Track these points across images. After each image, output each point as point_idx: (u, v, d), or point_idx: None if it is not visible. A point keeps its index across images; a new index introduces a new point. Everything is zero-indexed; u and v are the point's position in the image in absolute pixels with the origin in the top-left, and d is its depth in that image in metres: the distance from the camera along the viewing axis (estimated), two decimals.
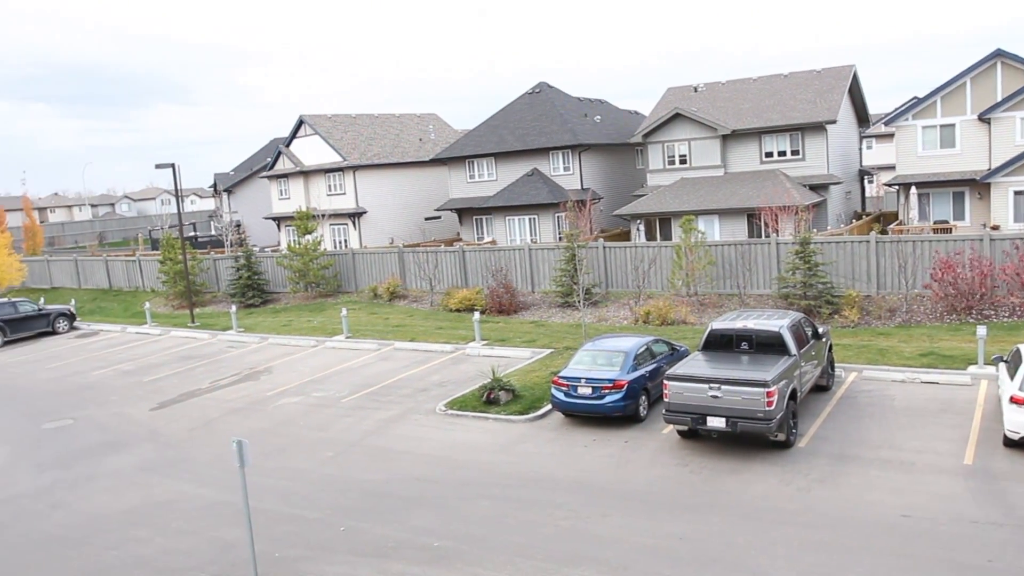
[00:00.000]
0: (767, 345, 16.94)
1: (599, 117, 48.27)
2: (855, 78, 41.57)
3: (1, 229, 49.61)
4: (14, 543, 14.70)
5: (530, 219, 42.69)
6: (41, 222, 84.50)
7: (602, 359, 18.81)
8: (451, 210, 47.65)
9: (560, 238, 39.58)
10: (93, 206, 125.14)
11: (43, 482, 17.78)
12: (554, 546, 12.70)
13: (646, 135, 41.18)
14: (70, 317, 38.76)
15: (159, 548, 14.01)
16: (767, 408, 15.06)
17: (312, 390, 23.35)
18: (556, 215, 41.30)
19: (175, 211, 53.86)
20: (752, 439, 16.07)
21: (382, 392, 22.47)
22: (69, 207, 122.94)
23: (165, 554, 13.75)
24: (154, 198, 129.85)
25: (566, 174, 43.54)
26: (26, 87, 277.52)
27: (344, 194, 49.54)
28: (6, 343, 36.06)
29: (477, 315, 27.46)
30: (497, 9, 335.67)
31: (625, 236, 40.43)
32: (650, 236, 38.24)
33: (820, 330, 18.96)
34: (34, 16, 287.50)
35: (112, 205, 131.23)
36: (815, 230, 31.39)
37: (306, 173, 51.11)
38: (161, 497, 16.34)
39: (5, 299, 38.62)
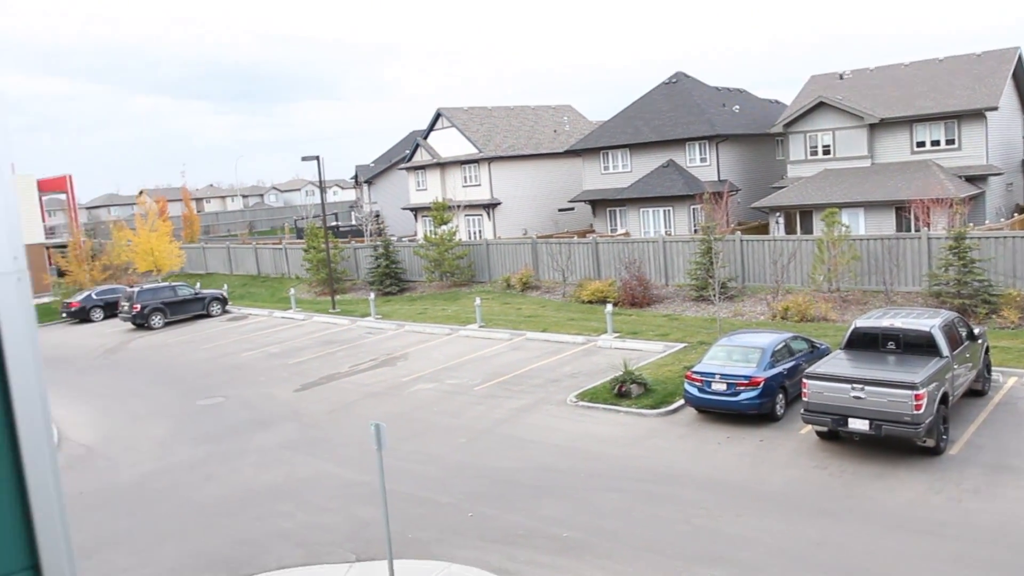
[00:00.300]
0: (916, 345, 16.06)
1: (738, 107, 47.00)
2: (1020, 61, 38.70)
3: (163, 218, 53.00)
4: (173, 509, 15.74)
5: (664, 211, 42.07)
6: (198, 212, 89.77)
7: (738, 355, 18.33)
8: (585, 201, 47.57)
9: (695, 230, 38.82)
10: (244, 196, 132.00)
11: (198, 455, 18.94)
12: (685, 543, 12.50)
13: (787, 125, 39.77)
14: (223, 301, 41.08)
15: (301, 522, 14.67)
16: (915, 412, 14.28)
17: (446, 377, 23.86)
18: (691, 207, 40.53)
19: (319, 201, 56.11)
20: (898, 444, 15.28)
21: (514, 381, 22.70)
22: (222, 198, 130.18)
23: (306, 528, 14.39)
24: (299, 189, 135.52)
25: (703, 165, 42.64)
26: (187, 86, 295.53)
27: (479, 185, 50.27)
28: (167, 324, 38.57)
29: (609, 307, 27.32)
30: None
31: (763, 229, 39.22)
32: (790, 229, 36.95)
33: (975, 331, 17.82)
34: (196, 20, 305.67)
35: (261, 196, 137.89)
36: (971, 224, 29.48)
37: (442, 165, 52.15)
38: (303, 474, 17.10)
39: (166, 283, 41.35)
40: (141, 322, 38.04)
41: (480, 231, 50.14)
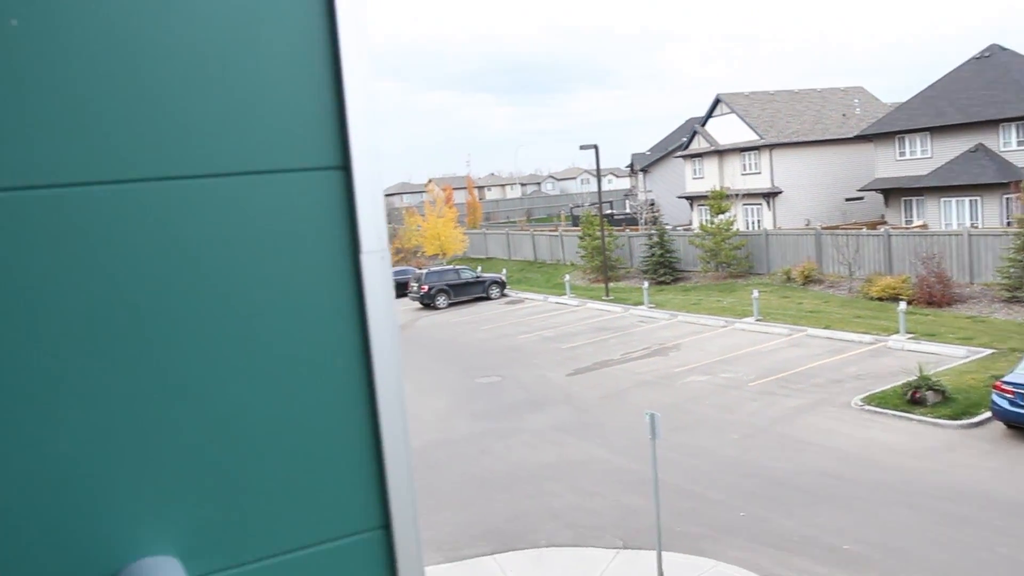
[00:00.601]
0: None
1: None
2: None
3: (449, 205, 56.39)
4: (453, 480, 16.71)
5: (970, 201, 37.91)
6: (480, 199, 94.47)
7: None
8: (876, 190, 44.14)
9: (1008, 223, 34.61)
10: (522, 185, 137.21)
11: (475, 430, 19.96)
12: (989, 574, 11.18)
13: None
14: (501, 285, 42.96)
15: (569, 504, 14.97)
16: None
17: (719, 370, 23.22)
18: (1004, 196, 36.10)
19: (594, 190, 56.98)
20: None
21: (792, 379, 21.60)
22: (502, 186, 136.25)
23: (574, 510, 14.65)
24: (575, 178, 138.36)
25: (1020, 149, 37.81)
26: (473, 80, 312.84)
27: (759, 173, 48.36)
28: (450, 305, 41.05)
29: (903, 305, 25.10)
30: None
31: None
32: None
33: None
34: (482, 16, 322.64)
35: (538, 184, 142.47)
36: None
37: (720, 152, 50.79)
38: (573, 457, 17.43)
39: (450, 267, 44.02)
40: (428, 302, 40.75)
41: (759, 221, 48.26)
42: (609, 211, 71.83)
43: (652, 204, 64.02)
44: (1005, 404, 16.06)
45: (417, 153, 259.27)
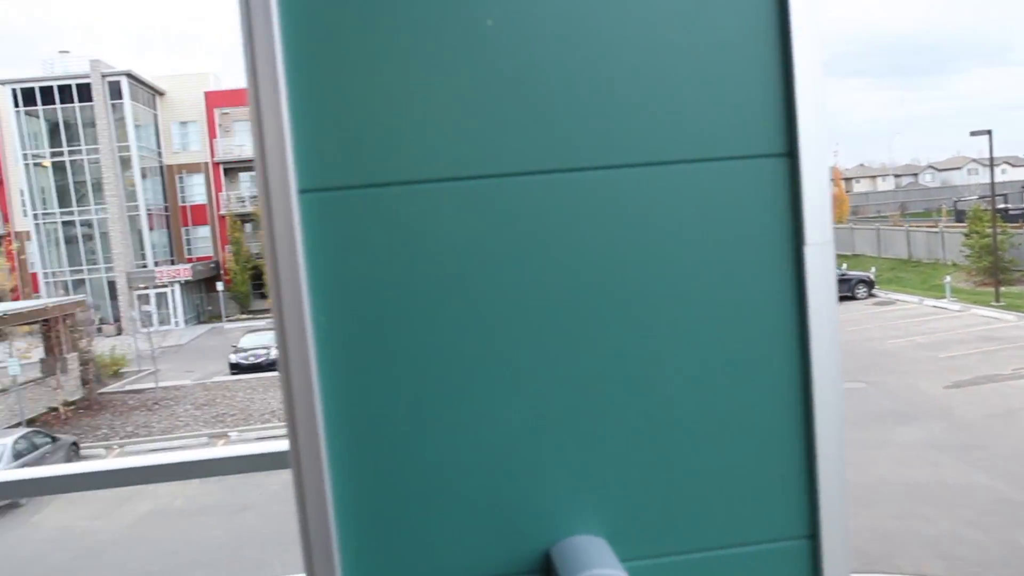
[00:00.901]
0: None
1: None
2: None
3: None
4: None
5: None
6: (847, 192, 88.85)
7: None
8: None
9: None
10: (896, 176, 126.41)
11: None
12: None
13: None
14: (869, 284, 40.10)
15: (942, 531, 13.54)
16: None
17: None
18: None
19: (984, 181, 50.94)
20: None
21: None
22: (872, 177, 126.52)
23: (948, 539, 13.24)
24: (960, 167, 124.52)
25: None
26: (843, 64, 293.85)
27: None
28: None
29: None
30: None
31: None
32: None
33: None
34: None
35: (915, 175, 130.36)
36: None
37: None
38: (950, 479, 15.74)
39: None
40: None
41: None
42: (1003, 205, 63.91)
43: None
44: None
45: None
